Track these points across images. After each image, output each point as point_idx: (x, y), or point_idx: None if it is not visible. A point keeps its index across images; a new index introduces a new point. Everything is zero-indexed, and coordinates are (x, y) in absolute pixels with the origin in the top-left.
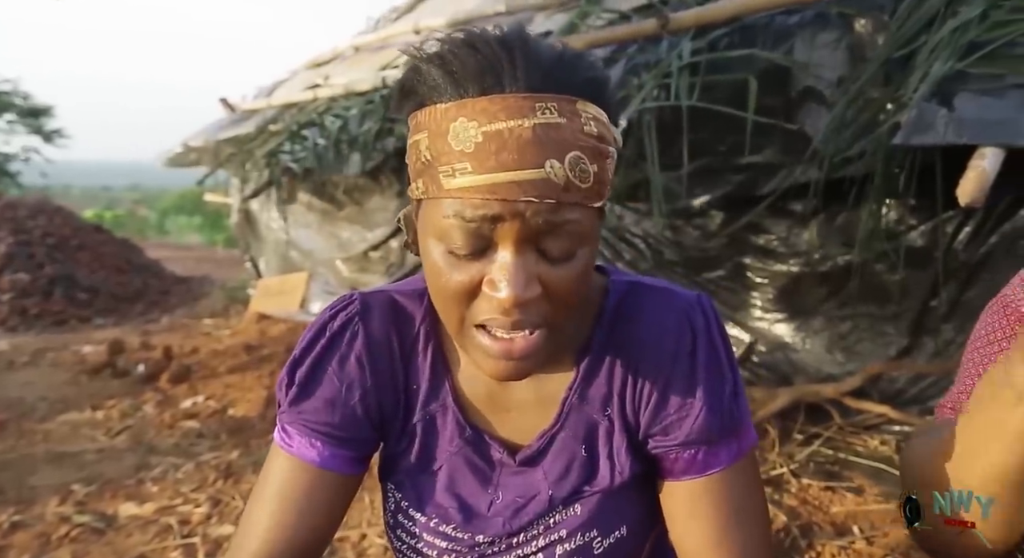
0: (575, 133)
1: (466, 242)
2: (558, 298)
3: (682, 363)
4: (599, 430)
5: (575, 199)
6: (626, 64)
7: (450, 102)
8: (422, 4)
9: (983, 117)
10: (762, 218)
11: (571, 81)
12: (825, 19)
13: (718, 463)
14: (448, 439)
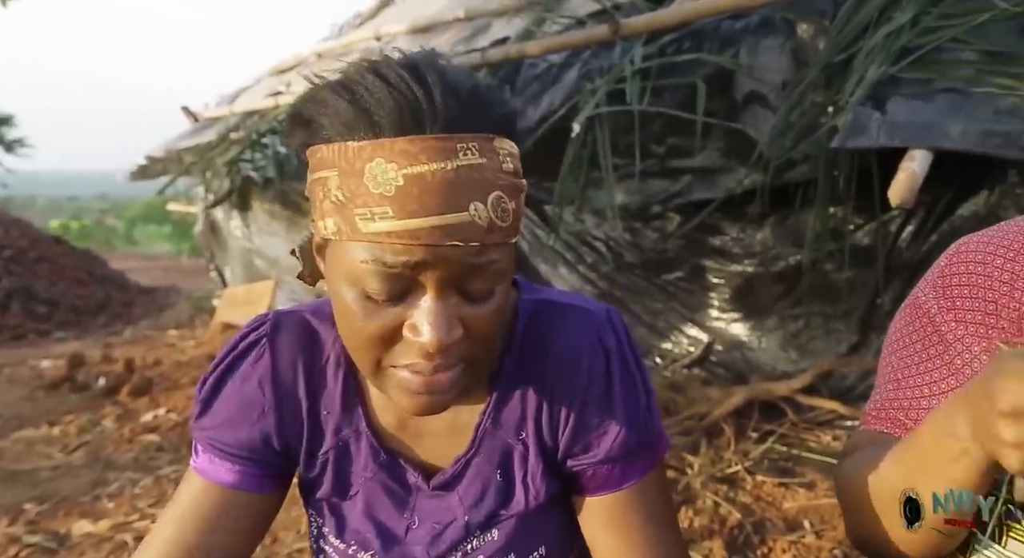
0: (495, 172)
1: (384, 288)
2: (479, 337)
3: (597, 383)
4: (514, 454)
5: (498, 239)
6: (580, 69)
7: (364, 141)
8: (385, 10)
9: (913, 120)
10: (718, 220)
11: (487, 117)
12: (769, 24)
13: (633, 475)
14: (363, 465)
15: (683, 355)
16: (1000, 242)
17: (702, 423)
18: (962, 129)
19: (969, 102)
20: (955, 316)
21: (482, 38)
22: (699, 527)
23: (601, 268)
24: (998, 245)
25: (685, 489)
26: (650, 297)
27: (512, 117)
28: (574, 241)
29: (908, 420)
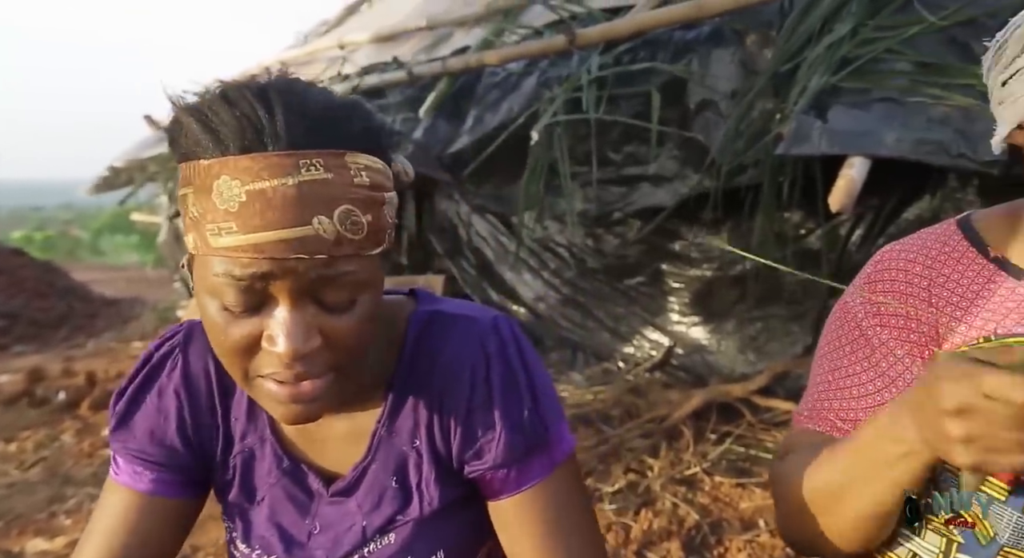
0: (344, 187)
1: (239, 299)
2: (341, 346)
3: (480, 389)
4: (409, 462)
5: (349, 251)
6: (539, 77)
7: (212, 159)
8: (350, 19)
9: (852, 128)
10: (676, 225)
11: (339, 134)
12: (720, 35)
13: (531, 478)
14: (267, 471)
15: (645, 359)
16: (919, 249)
17: (662, 426)
18: (897, 137)
19: (903, 111)
20: (879, 321)
21: (444, 47)
22: (658, 528)
23: (564, 274)
24: (917, 252)
25: (645, 491)
26: (612, 302)
27: (374, 133)
28: (537, 247)
29: (838, 420)
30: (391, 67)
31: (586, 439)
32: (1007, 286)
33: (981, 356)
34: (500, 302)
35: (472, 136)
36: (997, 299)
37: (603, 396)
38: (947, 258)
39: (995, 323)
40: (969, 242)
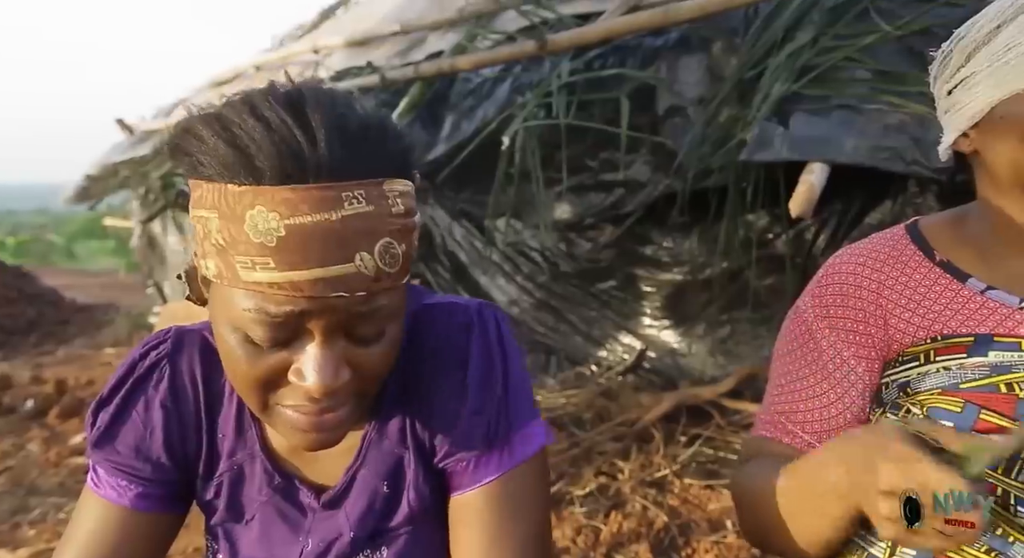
0: (384, 219)
1: (269, 335)
2: (368, 376)
3: (454, 376)
4: (402, 464)
5: (387, 285)
6: (512, 83)
7: (246, 186)
8: (325, 23)
9: (812, 135)
10: (648, 230)
11: (377, 158)
12: (687, 42)
13: (488, 474)
14: (257, 489)
15: (618, 362)
16: (869, 254)
17: (633, 429)
18: (855, 144)
19: (861, 118)
20: (829, 324)
21: (417, 52)
22: (627, 531)
23: (538, 278)
24: (867, 256)
25: (615, 494)
26: (585, 306)
27: (406, 153)
28: (511, 252)
29: (790, 423)
30: (365, 71)
31: (558, 442)
32: (952, 289)
33: (924, 430)
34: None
35: (449, 143)
36: (942, 301)
37: (576, 400)
38: (895, 262)
39: (940, 324)
40: (916, 246)
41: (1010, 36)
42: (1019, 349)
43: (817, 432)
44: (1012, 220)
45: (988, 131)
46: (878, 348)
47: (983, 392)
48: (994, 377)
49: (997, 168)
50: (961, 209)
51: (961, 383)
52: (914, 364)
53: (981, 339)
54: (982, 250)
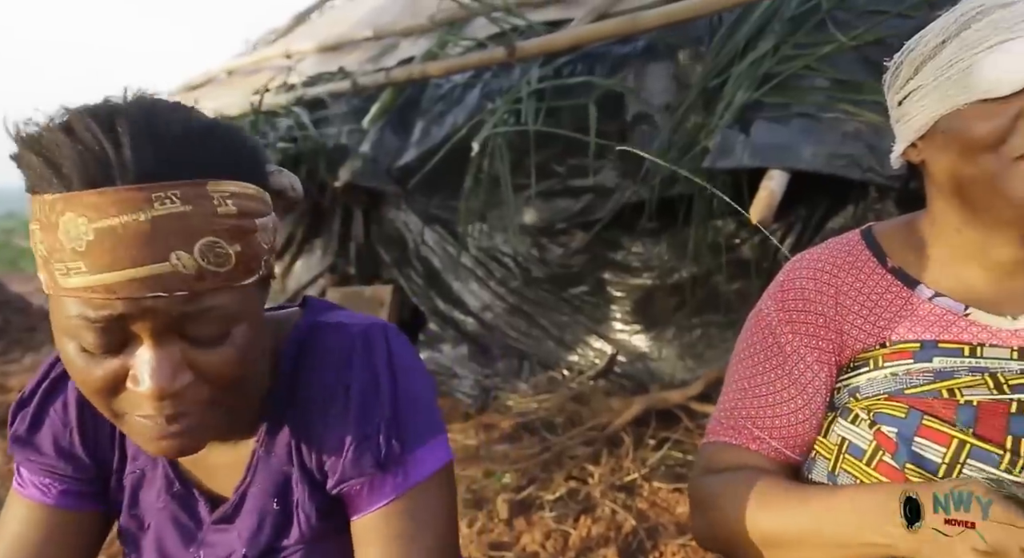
0: (206, 218)
1: (98, 341)
2: (215, 381)
3: (339, 399)
4: (291, 482)
5: (214, 285)
6: (482, 89)
7: (56, 194)
8: (299, 28)
9: (772, 142)
10: (617, 235)
11: (199, 161)
12: (654, 50)
13: (382, 496)
14: (156, 495)
15: (589, 367)
16: (827, 258)
17: (603, 433)
18: (813, 151)
19: (820, 126)
20: (792, 328)
21: (389, 57)
22: (596, 535)
23: (510, 283)
24: (825, 261)
25: (585, 498)
26: (557, 311)
27: (243, 155)
28: (484, 257)
29: (757, 429)
30: (337, 77)
31: (530, 447)
32: (902, 295)
33: None
34: (447, 311)
35: (419, 148)
36: (893, 307)
37: (547, 404)
38: (850, 267)
39: (889, 330)
40: (871, 252)
41: (953, 52)
42: (962, 355)
43: (785, 438)
44: (956, 229)
45: (932, 143)
46: (835, 353)
47: (926, 398)
48: (937, 383)
49: (940, 179)
50: (913, 215)
51: (906, 389)
52: (864, 369)
53: (926, 345)
54: (930, 257)
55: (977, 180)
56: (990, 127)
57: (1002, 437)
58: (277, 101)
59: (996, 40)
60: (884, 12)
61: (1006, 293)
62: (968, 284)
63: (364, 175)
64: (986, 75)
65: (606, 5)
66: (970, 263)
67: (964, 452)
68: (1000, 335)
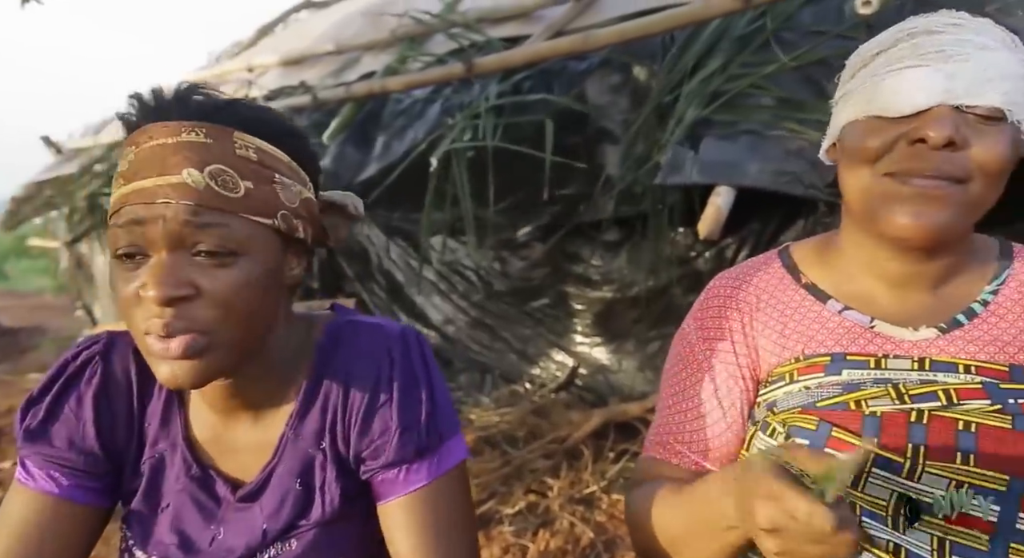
0: (223, 152)
1: (123, 245)
2: (216, 303)
3: (381, 390)
4: (315, 464)
5: (218, 204)
6: (443, 105)
7: (132, 133)
8: (263, 40)
9: (719, 159)
10: (579, 248)
11: (234, 118)
12: (610, 65)
13: (419, 480)
14: (175, 477)
15: (551, 379)
16: (745, 276)
17: (563, 446)
18: (759, 168)
19: (765, 143)
20: (708, 345)
21: (351, 72)
22: (554, 548)
23: (472, 297)
24: (743, 279)
25: (544, 512)
26: (519, 324)
27: (285, 133)
28: (446, 271)
29: (678, 444)
30: (298, 91)
31: (491, 461)
32: (814, 310)
33: (784, 457)
34: (410, 325)
35: (381, 163)
36: (806, 322)
37: (509, 418)
38: (766, 284)
39: (803, 345)
40: (786, 269)
41: (879, 65)
42: (868, 367)
43: (703, 451)
44: (857, 244)
45: (839, 146)
46: (752, 368)
47: (835, 410)
48: (845, 395)
49: (841, 186)
50: (829, 234)
51: (817, 402)
52: (780, 383)
53: (836, 358)
54: (840, 272)
55: (855, 191)
56: (875, 142)
57: (903, 446)
58: None
59: (908, 63)
60: (825, 33)
61: (907, 305)
62: (873, 297)
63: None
64: (886, 94)
65: (563, 22)
66: (872, 277)
67: (869, 462)
68: (903, 346)
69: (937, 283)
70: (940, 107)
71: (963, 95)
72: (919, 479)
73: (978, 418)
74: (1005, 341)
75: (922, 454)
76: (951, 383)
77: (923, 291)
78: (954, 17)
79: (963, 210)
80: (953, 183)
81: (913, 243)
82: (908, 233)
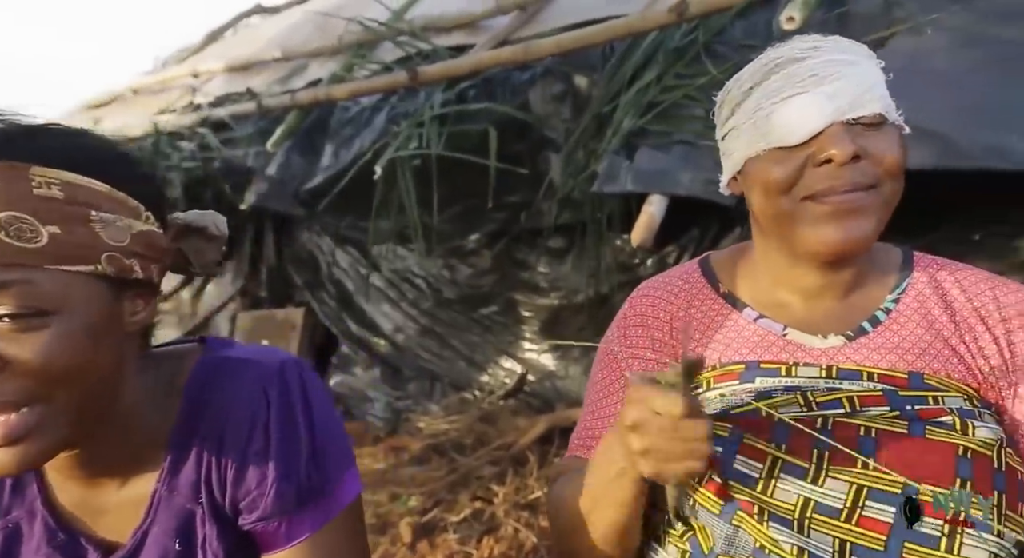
0: (17, 194)
1: None
2: (29, 373)
3: (257, 438)
4: (195, 520)
5: (13, 259)
6: (389, 113)
7: None
8: (210, 46)
9: (653, 168)
10: (526, 255)
11: (30, 151)
12: (553, 75)
13: (301, 532)
14: (35, 547)
15: (500, 386)
16: (666, 286)
17: (509, 453)
18: (691, 177)
19: (697, 153)
20: (631, 353)
21: (298, 79)
22: (498, 555)
23: (422, 305)
24: (664, 289)
25: (490, 518)
26: (468, 331)
27: (107, 160)
28: (396, 279)
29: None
30: (244, 98)
31: (438, 469)
32: (732, 318)
33: (659, 376)
34: (360, 334)
35: (328, 171)
36: (723, 330)
37: (457, 425)
38: (686, 294)
39: (719, 353)
40: (705, 279)
41: (757, 100)
42: (779, 375)
43: None
44: (770, 256)
45: (745, 179)
46: None
47: (747, 417)
48: (757, 402)
49: (754, 211)
50: (746, 243)
51: (731, 409)
52: (699, 391)
53: (750, 366)
54: (755, 281)
55: (776, 217)
56: (783, 172)
57: (808, 452)
58: (182, 122)
59: (789, 93)
60: (755, 46)
61: (818, 314)
62: (786, 306)
63: (270, 198)
64: (779, 125)
65: (507, 32)
66: (785, 287)
67: (777, 467)
68: (812, 354)
69: (846, 292)
70: (833, 126)
71: (849, 110)
72: (823, 484)
73: (878, 424)
74: (905, 349)
75: (826, 459)
76: (854, 391)
77: (833, 300)
78: (810, 41)
79: (881, 213)
80: (868, 191)
81: (841, 256)
82: (838, 248)
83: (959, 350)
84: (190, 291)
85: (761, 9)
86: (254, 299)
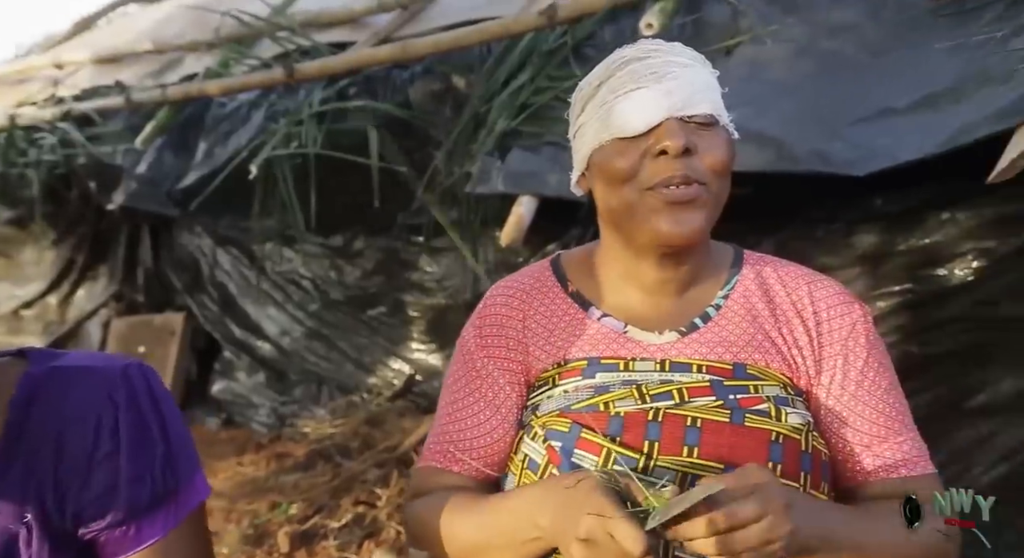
0: None
1: None
2: None
3: (105, 442)
4: (18, 541)
5: None
6: (267, 110)
7: None
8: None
9: (523, 170)
10: (413, 255)
11: None
12: (432, 74)
13: (152, 535)
14: None
15: (388, 388)
16: (519, 285)
17: (395, 454)
18: (559, 178)
19: (564, 154)
20: (487, 352)
21: (172, 73)
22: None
23: (309, 307)
24: (517, 287)
25: (372, 522)
26: (356, 333)
27: None
28: (282, 280)
29: (459, 452)
30: (112, 92)
31: (322, 474)
32: (578, 317)
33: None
34: (244, 338)
35: (203, 169)
36: (569, 329)
37: (343, 429)
38: (537, 292)
39: (565, 350)
40: (556, 278)
41: (604, 95)
42: (618, 370)
43: (483, 457)
44: (615, 254)
45: (591, 174)
46: (524, 373)
47: (587, 412)
48: (596, 397)
49: (600, 207)
50: (595, 242)
51: (572, 404)
52: (545, 388)
53: (591, 362)
54: (601, 280)
55: (619, 208)
56: (625, 162)
57: (640, 442)
58: (43, 115)
59: (630, 88)
60: None
61: (657, 311)
62: (628, 304)
63: (141, 197)
64: (620, 117)
65: (388, 30)
66: (629, 285)
67: (611, 460)
68: (649, 349)
69: (683, 289)
70: (668, 120)
71: (683, 107)
72: (651, 472)
73: (703, 414)
74: (731, 342)
75: (656, 449)
76: (684, 382)
77: (671, 296)
78: (653, 44)
79: (711, 208)
80: (699, 186)
81: (676, 247)
82: (672, 239)
83: (777, 342)
84: (57, 296)
85: (629, 14)
86: (130, 304)
